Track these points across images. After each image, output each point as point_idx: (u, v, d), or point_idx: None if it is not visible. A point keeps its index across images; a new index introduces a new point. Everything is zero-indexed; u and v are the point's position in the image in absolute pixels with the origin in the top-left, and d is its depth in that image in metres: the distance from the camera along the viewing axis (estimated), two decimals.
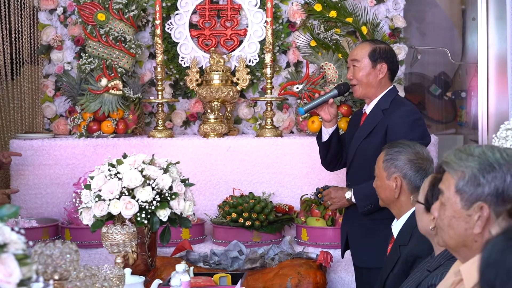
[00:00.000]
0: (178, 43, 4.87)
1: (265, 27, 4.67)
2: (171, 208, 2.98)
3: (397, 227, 2.87)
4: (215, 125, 4.52)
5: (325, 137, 3.64)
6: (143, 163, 3.01)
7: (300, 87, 4.43)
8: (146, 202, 2.92)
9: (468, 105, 5.95)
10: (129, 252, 2.91)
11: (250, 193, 4.30)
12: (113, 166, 3.00)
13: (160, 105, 4.67)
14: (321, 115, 3.62)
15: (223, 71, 4.64)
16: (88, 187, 3.01)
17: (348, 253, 3.62)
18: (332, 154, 3.68)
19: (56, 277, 2.05)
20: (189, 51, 4.86)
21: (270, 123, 4.58)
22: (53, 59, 4.89)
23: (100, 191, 2.95)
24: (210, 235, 4.30)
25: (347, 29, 4.63)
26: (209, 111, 4.61)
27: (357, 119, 3.65)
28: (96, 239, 3.81)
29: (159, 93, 4.64)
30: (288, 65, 4.84)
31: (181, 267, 2.86)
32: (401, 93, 4.36)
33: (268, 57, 4.55)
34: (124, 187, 2.93)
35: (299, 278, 3.52)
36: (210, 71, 4.64)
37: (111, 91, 4.50)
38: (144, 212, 2.92)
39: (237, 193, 4.35)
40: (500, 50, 4.88)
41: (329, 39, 4.53)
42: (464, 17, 6.13)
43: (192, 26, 4.89)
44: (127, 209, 2.90)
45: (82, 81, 4.62)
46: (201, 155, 4.46)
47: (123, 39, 4.61)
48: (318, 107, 3.62)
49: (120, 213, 2.92)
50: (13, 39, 5.11)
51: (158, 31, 4.57)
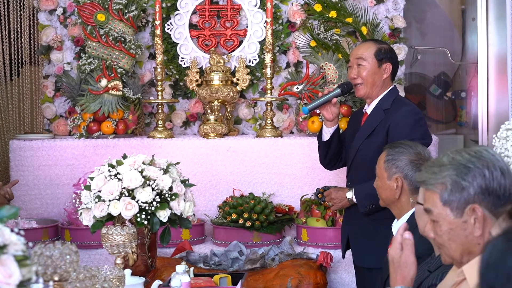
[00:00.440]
0: (178, 43, 4.87)
1: (265, 27, 4.67)
2: (171, 208, 2.98)
3: (397, 227, 2.85)
4: (215, 126, 4.52)
5: (326, 136, 3.63)
6: (143, 163, 3.01)
7: (300, 87, 4.43)
8: (146, 202, 2.92)
9: (468, 105, 5.94)
10: (129, 253, 2.91)
11: (250, 193, 4.30)
12: (113, 166, 3.00)
13: (160, 106, 4.67)
14: (324, 114, 3.61)
15: (223, 71, 4.63)
16: (88, 187, 3.01)
17: (348, 253, 3.62)
18: (332, 153, 3.67)
19: (56, 278, 2.05)
20: (189, 52, 4.86)
21: (270, 123, 4.58)
22: (53, 59, 4.89)
23: (100, 191, 2.95)
24: (210, 235, 4.29)
25: (347, 29, 4.63)
26: (209, 111, 4.60)
27: (357, 118, 3.64)
28: (96, 240, 3.80)
29: (159, 93, 4.64)
30: (288, 66, 4.84)
31: (181, 267, 2.86)
32: (401, 93, 4.35)
33: (268, 58, 4.55)
34: (124, 188, 2.93)
35: (300, 278, 3.52)
36: (210, 72, 4.64)
37: (111, 91, 4.50)
38: (144, 212, 2.92)
39: (237, 193, 4.34)
40: (500, 50, 4.88)
41: (329, 39, 4.53)
42: (464, 17, 6.13)
43: (192, 26, 4.89)
44: (127, 209, 2.90)
45: (82, 81, 4.62)
46: (201, 156, 4.46)
47: (123, 39, 4.60)
48: (321, 106, 3.61)
49: (120, 214, 2.91)
50: (12, 40, 5.11)
51: (158, 32, 4.57)
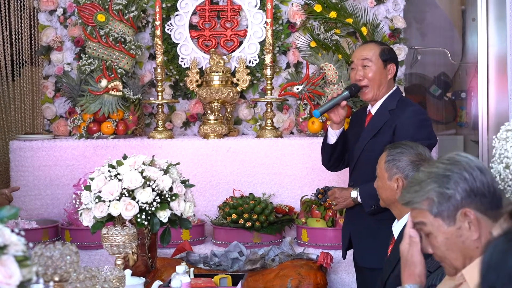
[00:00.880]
0: (178, 44, 4.87)
1: (265, 28, 4.67)
2: (171, 209, 2.98)
3: (398, 228, 2.86)
4: (215, 126, 4.52)
5: (333, 139, 3.59)
6: (143, 164, 3.01)
7: (300, 88, 4.43)
8: (146, 203, 2.92)
9: (468, 106, 5.94)
10: (129, 253, 2.91)
11: (250, 194, 4.30)
12: (113, 167, 3.00)
13: (160, 106, 4.67)
14: (331, 117, 3.55)
15: (223, 72, 4.64)
16: (88, 188, 3.01)
17: (349, 253, 3.60)
18: (337, 155, 3.65)
19: (56, 279, 2.05)
20: (189, 52, 4.86)
21: (270, 124, 4.58)
22: (53, 60, 4.89)
23: (100, 192, 2.95)
24: (210, 236, 4.29)
25: (347, 30, 4.63)
26: (209, 112, 4.60)
27: (360, 118, 3.62)
28: (96, 240, 3.80)
29: (159, 94, 4.64)
30: (288, 66, 4.84)
31: (181, 268, 2.86)
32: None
33: (268, 58, 4.55)
34: (124, 188, 2.93)
35: (300, 279, 3.52)
36: (210, 72, 4.64)
37: (111, 92, 4.50)
38: (144, 213, 2.92)
39: (237, 194, 4.34)
40: (500, 50, 4.88)
41: (329, 39, 4.53)
42: (464, 18, 6.12)
43: (192, 27, 4.89)
44: (127, 210, 2.90)
45: (82, 82, 4.62)
46: (201, 156, 4.46)
47: (123, 40, 4.60)
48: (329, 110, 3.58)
49: (120, 214, 2.91)
50: (13, 40, 5.11)
51: (158, 32, 4.57)
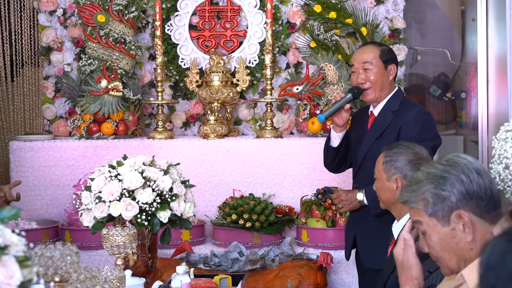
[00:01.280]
0: (178, 44, 4.87)
1: (265, 28, 4.67)
2: (171, 209, 2.98)
3: (397, 228, 2.87)
4: (215, 126, 4.52)
5: (336, 142, 3.57)
6: (144, 164, 3.01)
7: (300, 88, 4.43)
8: (146, 203, 2.92)
9: (468, 106, 5.95)
10: (130, 253, 2.91)
11: (250, 194, 4.30)
12: (113, 167, 3.00)
13: (160, 107, 4.67)
14: (335, 120, 3.53)
15: (223, 72, 4.64)
16: (88, 188, 3.01)
17: (350, 254, 3.60)
18: (340, 157, 3.64)
19: (56, 279, 2.05)
20: (189, 53, 4.86)
21: (270, 124, 4.58)
22: (53, 60, 4.89)
23: (100, 192, 2.95)
24: (210, 236, 4.29)
25: (347, 30, 4.63)
26: (209, 112, 4.61)
27: (361, 119, 3.61)
28: (96, 240, 3.80)
29: (159, 94, 4.64)
30: (288, 66, 4.84)
31: (181, 268, 2.86)
32: None
33: (268, 58, 4.55)
34: (124, 189, 2.93)
35: (300, 279, 3.52)
36: (210, 72, 4.64)
37: (111, 92, 4.50)
38: (144, 213, 2.92)
39: (237, 194, 4.34)
40: (499, 50, 4.88)
41: (329, 40, 4.53)
42: (463, 18, 6.13)
43: (192, 27, 4.89)
44: (128, 210, 2.90)
45: (82, 82, 4.63)
46: (201, 157, 4.46)
47: (123, 40, 4.61)
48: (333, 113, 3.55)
49: (120, 215, 2.92)
50: (13, 41, 5.10)
51: (158, 33, 4.57)
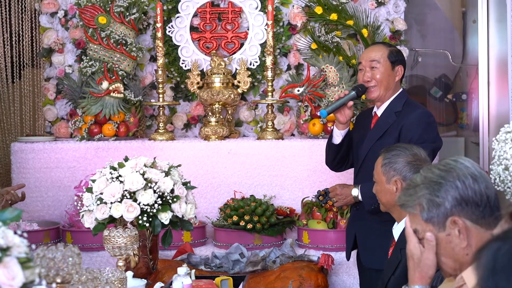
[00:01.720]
0: (179, 46, 4.87)
1: (266, 29, 4.67)
2: (172, 211, 2.99)
3: (398, 230, 2.87)
4: (216, 128, 4.52)
5: (338, 139, 3.60)
6: (145, 166, 3.02)
7: (301, 89, 4.43)
8: (147, 205, 2.92)
9: (469, 107, 5.95)
10: (131, 255, 2.91)
11: (251, 195, 4.30)
12: (114, 169, 3.00)
13: (161, 108, 4.67)
14: (338, 117, 3.56)
15: (224, 74, 4.64)
16: (89, 190, 3.01)
17: (351, 255, 3.60)
18: (341, 155, 3.65)
19: (58, 280, 2.06)
20: (190, 54, 4.86)
21: (271, 125, 4.58)
22: (54, 62, 4.90)
23: (101, 194, 2.95)
24: (211, 238, 4.30)
25: (347, 31, 4.63)
26: (210, 114, 4.61)
27: (365, 120, 3.62)
28: (97, 242, 3.81)
29: (160, 96, 4.65)
30: (289, 68, 4.85)
31: (182, 270, 2.86)
32: None
33: (269, 60, 4.56)
34: (125, 190, 2.93)
35: (301, 280, 3.52)
36: (211, 74, 4.64)
37: (112, 94, 4.50)
38: (145, 215, 2.92)
39: (238, 195, 4.35)
40: (500, 52, 4.88)
41: (330, 41, 4.54)
42: (464, 20, 6.13)
43: (193, 29, 4.90)
44: (129, 212, 2.90)
45: (83, 84, 4.63)
46: (202, 158, 4.46)
47: (124, 42, 4.61)
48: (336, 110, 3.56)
49: (121, 216, 2.92)
50: (14, 42, 5.11)
51: (159, 34, 4.58)
